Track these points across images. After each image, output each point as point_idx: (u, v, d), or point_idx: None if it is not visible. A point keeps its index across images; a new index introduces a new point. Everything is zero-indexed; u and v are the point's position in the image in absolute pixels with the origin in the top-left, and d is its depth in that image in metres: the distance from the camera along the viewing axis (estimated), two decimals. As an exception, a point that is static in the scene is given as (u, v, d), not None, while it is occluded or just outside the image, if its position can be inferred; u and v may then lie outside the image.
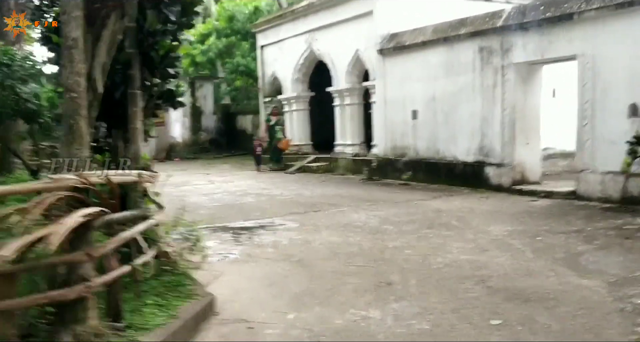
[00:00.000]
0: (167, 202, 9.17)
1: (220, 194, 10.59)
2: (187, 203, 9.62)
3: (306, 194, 10.44)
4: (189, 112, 23.90)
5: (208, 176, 14.70)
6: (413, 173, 11.60)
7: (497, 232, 6.44)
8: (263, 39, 17.76)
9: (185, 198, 9.90)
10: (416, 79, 11.62)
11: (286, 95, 16.55)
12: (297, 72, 15.98)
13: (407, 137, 11.99)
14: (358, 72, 13.86)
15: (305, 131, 16.40)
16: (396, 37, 12.22)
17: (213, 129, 24.68)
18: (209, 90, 24.47)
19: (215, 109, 24.68)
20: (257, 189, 11.40)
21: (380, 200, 9.32)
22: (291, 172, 14.54)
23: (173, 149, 22.53)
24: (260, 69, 18.08)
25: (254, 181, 13.00)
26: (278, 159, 15.83)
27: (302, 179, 13.20)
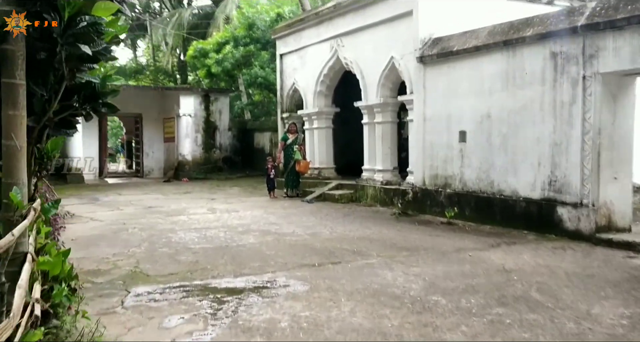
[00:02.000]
0: (144, 240, 7.21)
1: (216, 230, 8.56)
2: (169, 242, 7.67)
3: (324, 233, 8.34)
4: (201, 128, 22.14)
5: (212, 202, 12.72)
6: (459, 209, 9.43)
7: (610, 320, 4.25)
8: (283, 47, 15.87)
9: (170, 234, 7.96)
10: (465, 92, 9.53)
11: (307, 111, 14.59)
12: (319, 84, 14.02)
13: (452, 164, 9.86)
14: (392, 85, 11.82)
15: (327, 152, 14.36)
16: (440, 42, 10.16)
17: (227, 146, 22.84)
18: (224, 104, 22.67)
19: (230, 125, 22.86)
20: (264, 223, 9.35)
21: (420, 248, 7.18)
22: (309, 200, 12.48)
23: (182, 167, 20.70)
24: (279, 80, 16.17)
25: (263, 211, 10.96)
26: (295, 184, 13.80)
27: (321, 209, 11.12)
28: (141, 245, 7.41)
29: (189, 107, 20.72)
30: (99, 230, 8.70)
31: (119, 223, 9.39)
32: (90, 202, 12.86)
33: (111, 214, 10.60)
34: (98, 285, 5.43)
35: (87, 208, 11.74)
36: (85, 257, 6.66)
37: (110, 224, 9.34)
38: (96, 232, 8.54)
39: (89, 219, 9.96)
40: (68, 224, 9.35)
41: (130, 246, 7.36)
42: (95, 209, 11.50)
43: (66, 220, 9.82)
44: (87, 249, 7.19)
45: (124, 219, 9.92)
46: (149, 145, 22.33)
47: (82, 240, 7.79)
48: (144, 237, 7.96)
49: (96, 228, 8.90)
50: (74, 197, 14.10)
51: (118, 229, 8.74)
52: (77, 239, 7.85)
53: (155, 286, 5.35)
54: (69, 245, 7.57)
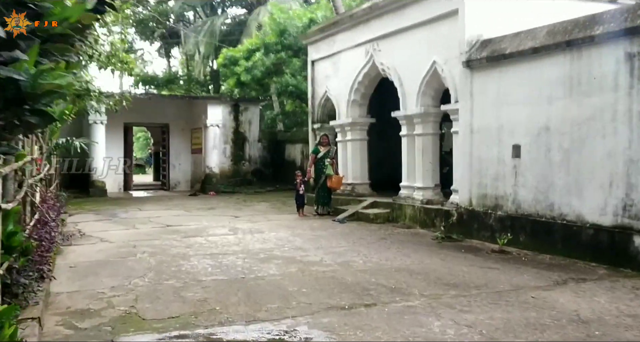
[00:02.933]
0: (150, 269, 6.33)
1: (235, 257, 7.63)
2: (178, 272, 6.77)
3: (357, 262, 7.33)
4: (230, 139, 21.43)
5: (235, 220, 11.84)
6: (512, 235, 8.29)
7: None
8: (314, 53, 14.99)
9: (182, 261, 7.07)
10: (519, 101, 8.43)
11: (340, 121, 13.63)
12: (354, 92, 13.06)
13: (504, 183, 8.74)
14: (434, 93, 10.77)
15: (361, 167, 13.35)
16: (490, 44, 9.09)
17: (257, 158, 22.06)
18: (254, 114, 21.93)
19: (260, 136, 22.08)
20: (289, 247, 8.39)
21: (471, 284, 6.10)
22: (341, 220, 11.47)
23: (209, 180, 19.96)
24: (310, 88, 15.27)
25: (290, 232, 10.01)
26: (326, 201, 12.82)
27: (354, 232, 10.11)
28: (146, 275, 6.53)
29: (217, 117, 20.02)
30: (105, 254, 7.88)
31: (129, 245, 8.57)
32: (107, 219, 12.14)
33: (124, 234, 9.81)
34: (81, 332, 4.54)
35: (101, 226, 10.99)
36: (78, 291, 5.81)
37: (119, 246, 8.52)
38: (101, 256, 7.72)
39: (98, 240, 9.17)
40: (74, 246, 8.61)
41: (134, 276, 6.49)
42: (109, 228, 10.74)
43: (73, 241, 9.07)
44: (84, 279, 6.35)
45: (137, 240, 9.11)
46: (176, 157, 21.71)
47: (82, 267, 6.96)
48: (152, 265, 7.09)
49: (103, 251, 8.09)
50: (92, 212, 13.45)
51: (126, 254, 7.91)
52: (77, 266, 7.04)
53: (148, 335, 4.43)
54: (65, 274, 6.82)
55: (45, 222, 7.65)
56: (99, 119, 17.83)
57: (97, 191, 17.99)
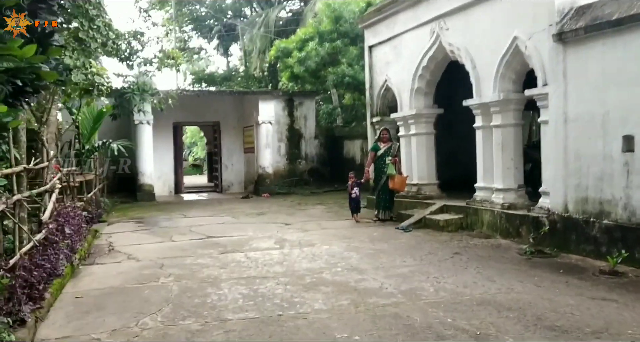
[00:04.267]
0: (169, 301, 5.13)
1: (275, 282, 6.29)
2: (201, 306, 5.48)
3: (427, 290, 5.82)
4: (285, 136, 20.24)
5: (285, 228, 10.53)
6: (626, 250, 6.55)
7: None
8: (372, 37, 13.48)
9: (210, 289, 5.83)
10: (633, 80, 6.66)
11: (402, 113, 12.08)
12: (417, 79, 11.47)
13: (611, 184, 7.00)
14: (515, 75, 9.07)
15: (428, 165, 11.75)
16: (590, 10, 7.34)
17: (314, 156, 20.77)
18: (309, 108, 20.64)
19: (317, 132, 20.78)
20: (342, 267, 6.98)
21: (586, 330, 4.48)
22: (405, 227, 9.96)
23: (262, 181, 18.82)
24: (368, 77, 13.78)
25: (346, 244, 8.61)
26: (387, 204, 11.32)
27: (421, 243, 8.58)
28: (161, 310, 5.28)
29: (269, 113, 18.82)
30: (124, 278, 6.72)
31: (156, 265, 7.40)
32: (145, 229, 11.10)
33: (156, 249, 8.68)
34: None
35: (136, 238, 9.94)
36: (67, 338, 4.61)
37: (144, 266, 7.36)
38: (118, 281, 6.55)
39: (125, 257, 8.07)
40: (96, 265, 7.55)
41: (146, 312, 5.26)
42: (143, 240, 9.67)
43: (98, 257, 8.02)
44: (84, 317, 5.16)
45: (167, 257, 7.94)
46: (228, 157, 20.68)
47: (90, 298, 5.80)
48: (172, 295, 5.85)
49: (123, 274, 6.93)
50: (133, 221, 12.49)
51: (148, 277, 6.72)
52: (85, 296, 5.89)
53: None
54: (65, 308, 5.48)
55: (55, 242, 6.57)
56: (145, 119, 16.97)
57: (145, 195, 17.17)
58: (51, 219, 7.14)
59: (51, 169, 7.13)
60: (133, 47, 18.75)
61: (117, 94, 16.40)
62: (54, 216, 7.32)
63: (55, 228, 6.96)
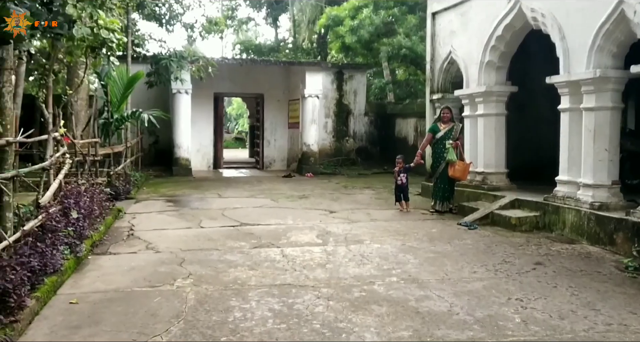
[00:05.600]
0: (179, 318, 3.98)
1: (315, 294, 5.07)
2: (220, 327, 4.29)
3: (512, 321, 4.47)
4: (332, 112, 18.97)
5: (329, 217, 9.31)
6: None
7: None
8: (436, 2, 11.93)
9: (234, 301, 4.66)
10: None
11: (468, 90, 10.59)
12: (489, 51, 9.95)
13: None
14: (617, 48, 7.48)
15: (497, 151, 10.26)
16: None
17: (363, 134, 19.47)
18: (360, 83, 19.24)
19: (367, 109, 19.41)
20: (398, 276, 5.70)
21: None
22: (469, 224, 8.58)
23: (306, 159, 17.61)
24: (429, 48, 12.27)
25: (400, 243, 7.32)
26: (447, 194, 9.94)
27: (491, 246, 7.21)
28: (167, 332, 4.13)
29: (316, 86, 17.50)
30: (134, 277, 5.61)
31: (174, 261, 6.28)
32: (173, 210, 10.07)
33: (180, 237, 7.58)
34: None
35: (161, 221, 8.89)
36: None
37: (161, 262, 6.25)
38: (126, 282, 5.45)
39: (143, 247, 6.99)
40: (108, 255, 6.51)
41: (149, 332, 4.11)
42: (169, 224, 8.60)
43: (113, 245, 6.99)
44: (69, 337, 4.05)
45: (190, 250, 6.83)
46: (271, 132, 19.51)
47: (85, 307, 4.70)
48: (187, 308, 4.69)
49: (134, 271, 5.83)
50: (162, 199, 11.50)
51: (163, 278, 5.59)
52: (81, 302, 4.80)
53: None
54: (51, 321, 4.54)
55: (53, 230, 5.50)
56: (183, 88, 15.93)
57: (181, 170, 16.22)
58: (55, 201, 6.09)
59: (51, 142, 6.03)
60: (174, 11, 17.65)
61: (154, 60, 15.41)
62: (60, 197, 6.27)
63: (58, 212, 5.90)
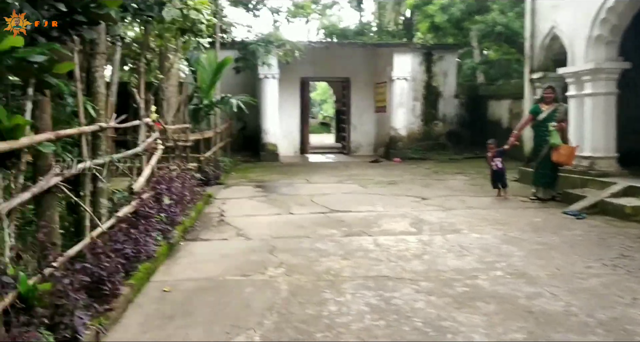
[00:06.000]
0: (272, 310, 3.86)
1: (413, 288, 4.74)
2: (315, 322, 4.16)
3: None
4: (420, 94, 18.40)
5: (422, 204, 8.91)
6: None
7: None
8: (538, -26, 11.12)
9: (327, 293, 4.54)
10: None
11: (574, 68, 9.78)
12: (598, 24, 9.12)
13: None
14: None
15: (606, 133, 9.44)
16: None
17: (453, 117, 18.76)
18: (450, 64, 18.51)
19: (457, 91, 18.66)
20: (503, 270, 5.25)
21: None
22: (576, 213, 7.91)
23: (394, 144, 17.16)
24: (529, 24, 11.46)
25: (501, 233, 6.83)
26: (550, 181, 9.25)
27: (605, 239, 6.55)
28: (260, 326, 3.95)
29: (404, 68, 16.95)
30: (225, 265, 5.50)
31: (265, 248, 6.14)
32: (263, 195, 10.01)
33: (270, 224, 7.46)
34: None
35: (251, 207, 8.84)
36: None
37: (252, 250, 6.12)
38: (218, 270, 5.34)
39: (233, 233, 6.92)
40: (199, 241, 6.49)
41: (242, 325, 3.96)
42: (259, 210, 8.53)
43: (203, 231, 6.96)
44: (163, 328, 3.95)
45: (281, 237, 6.68)
46: (358, 116, 19.17)
47: (178, 296, 4.61)
48: (280, 299, 4.50)
49: (225, 259, 5.74)
50: (251, 184, 11.50)
51: (254, 266, 5.45)
52: (174, 291, 4.73)
53: None
54: (144, 310, 4.32)
55: (147, 217, 5.48)
56: (270, 73, 15.91)
57: (268, 155, 16.27)
58: (148, 187, 6.10)
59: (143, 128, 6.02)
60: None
61: (241, 45, 15.46)
62: (152, 183, 6.28)
63: (151, 198, 5.90)
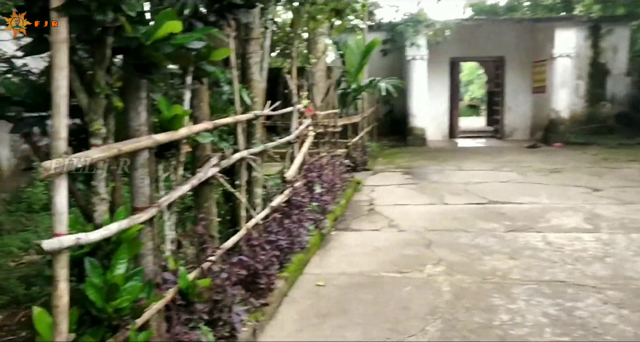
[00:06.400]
0: (435, 315, 3.62)
1: (598, 298, 4.09)
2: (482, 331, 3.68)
3: None
4: (585, 73, 16.78)
5: (593, 196, 7.96)
6: None
7: None
8: None
9: (496, 298, 4.39)
10: None
11: None
12: None
13: None
14: None
15: None
16: None
17: (624, 98, 16.91)
18: (621, 38, 16.66)
19: (629, 68, 16.76)
20: None
21: None
22: None
23: (554, 127, 15.82)
24: None
25: (700, 233, 5.84)
26: None
27: None
28: (424, 333, 3.59)
29: (567, 44, 15.47)
30: (379, 260, 5.20)
31: (421, 242, 5.76)
32: (412, 183, 9.60)
33: (423, 215, 7.05)
34: None
35: (401, 195, 8.48)
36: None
37: (406, 243, 5.77)
38: (372, 264, 5.06)
39: (385, 224, 6.61)
40: (350, 231, 6.28)
41: (402, 331, 3.63)
42: (409, 199, 8.14)
43: (354, 221, 6.75)
44: (319, 328, 3.74)
45: (436, 230, 6.25)
46: (512, 97, 17.91)
47: (332, 291, 4.39)
48: (443, 302, 4.11)
49: (379, 253, 5.44)
50: (399, 171, 11.14)
51: (410, 262, 5.10)
52: (327, 285, 4.53)
53: None
54: (298, 305, 4.12)
55: (299, 206, 5.34)
56: (419, 54, 15.31)
57: (415, 140, 15.76)
58: (300, 175, 5.97)
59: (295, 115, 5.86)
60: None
61: (389, 26, 15.04)
62: (304, 171, 6.15)
63: (302, 187, 5.76)
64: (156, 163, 2.99)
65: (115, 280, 2.31)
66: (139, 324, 2.49)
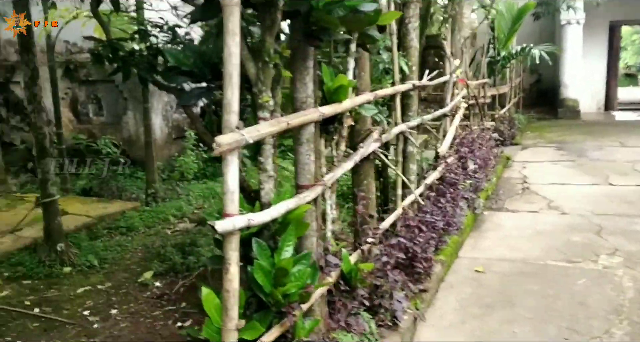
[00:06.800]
0: (619, 314, 3.14)
1: None
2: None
3: None
4: None
5: None
6: None
7: None
8: None
9: None
10: None
11: None
12: None
13: None
14: None
15: None
16: None
17: None
18: None
19: None
20: None
21: None
22: None
23: None
24: None
25: None
26: None
27: None
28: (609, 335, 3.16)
29: None
30: (542, 246, 4.73)
31: (588, 227, 5.18)
32: (568, 160, 8.79)
33: (586, 196, 6.38)
34: None
35: (556, 173, 7.78)
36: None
37: (571, 228, 5.22)
38: (534, 251, 4.61)
39: (544, 205, 6.06)
40: (504, 212, 5.85)
41: (583, 331, 3.22)
42: (567, 178, 7.44)
43: (508, 200, 6.27)
44: (483, 319, 3.44)
45: (605, 214, 5.61)
46: (683, 65, 15.94)
47: (492, 279, 4.05)
48: (627, 300, 3.61)
49: (540, 237, 4.96)
50: (551, 145, 10.29)
51: (579, 250, 4.58)
52: (487, 272, 4.18)
53: None
54: (458, 291, 3.98)
55: (452, 184, 4.99)
56: (574, 18, 13.98)
57: (566, 112, 14.54)
58: (452, 150, 5.60)
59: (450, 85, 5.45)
60: None
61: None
62: (456, 146, 5.76)
63: (456, 163, 5.40)
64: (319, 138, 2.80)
65: (284, 264, 2.16)
66: (304, 310, 2.35)
